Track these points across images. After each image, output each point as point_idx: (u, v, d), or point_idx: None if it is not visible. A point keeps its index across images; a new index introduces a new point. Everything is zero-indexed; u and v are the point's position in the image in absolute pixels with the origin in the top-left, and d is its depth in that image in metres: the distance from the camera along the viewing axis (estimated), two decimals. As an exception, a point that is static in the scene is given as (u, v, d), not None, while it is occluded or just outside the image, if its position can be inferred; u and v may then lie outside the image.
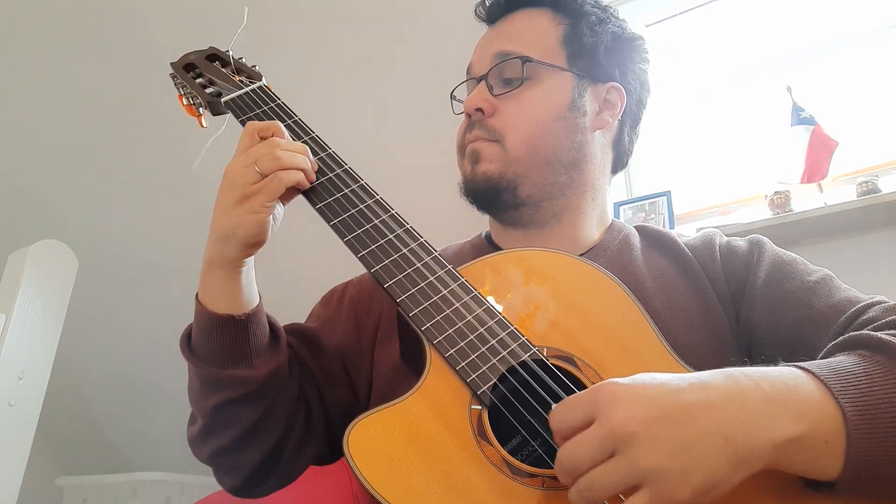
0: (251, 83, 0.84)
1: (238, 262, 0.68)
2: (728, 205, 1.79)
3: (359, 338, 0.84)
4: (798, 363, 0.54)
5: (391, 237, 0.69)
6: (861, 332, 0.59)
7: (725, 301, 0.76)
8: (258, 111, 0.79)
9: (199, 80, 0.88)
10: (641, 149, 1.82)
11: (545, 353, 0.62)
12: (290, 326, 0.82)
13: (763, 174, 1.71)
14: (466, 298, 0.65)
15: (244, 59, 0.91)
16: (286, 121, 0.78)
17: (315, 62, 2.03)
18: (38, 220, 2.45)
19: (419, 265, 0.67)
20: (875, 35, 1.70)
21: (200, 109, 0.88)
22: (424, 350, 0.62)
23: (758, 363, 0.54)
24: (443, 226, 0.98)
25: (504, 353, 0.61)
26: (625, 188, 1.91)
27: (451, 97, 0.95)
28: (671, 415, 0.47)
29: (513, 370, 0.60)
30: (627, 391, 0.48)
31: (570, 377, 0.61)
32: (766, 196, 1.61)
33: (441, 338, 0.62)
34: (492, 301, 0.66)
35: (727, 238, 0.83)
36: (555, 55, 0.85)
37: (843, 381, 0.52)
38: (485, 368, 0.60)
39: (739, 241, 0.82)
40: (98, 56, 2.15)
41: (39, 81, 2.24)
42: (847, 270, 0.84)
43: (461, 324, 0.63)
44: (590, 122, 0.85)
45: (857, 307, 0.66)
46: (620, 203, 1.81)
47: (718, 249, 0.81)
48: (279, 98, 0.81)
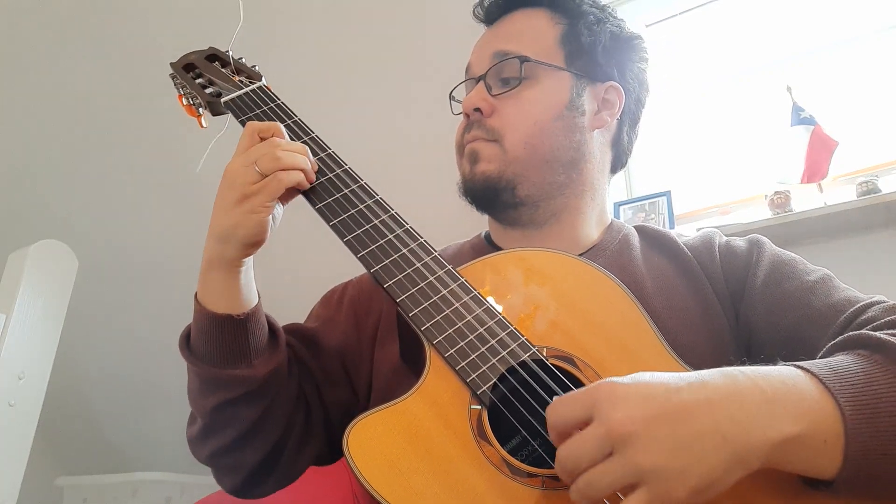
0: (251, 83, 0.84)
1: (237, 262, 0.69)
2: (728, 205, 1.79)
3: (358, 338, 0.84)
4: (797, 363, 0.54)
5: (391, 237, 0.69)
6: (860, 332, 0.59)
7: (725, 301, 0.77)
8: (258, 111, 0.79)
9: (199, 81, 0.88)
10: (641, 149, 1.83)
11: (545, 353, 0.62)
12: (290, 326, 0.82)
13: (763, 174, 1.71)
14: (466, 298, 0.65)
15: (244, 60, 0.91)
16: (286, 121, 0.78)
17: (314, 62, 2.03)
18: (38, 220, 2.45)
19: (419, 265, 0.67)
20: (875, 35, 1.70)
21: (200, 110, 0.88)
22: (424, 350, 0.62)
23: (757, 362, 0.54)
24: (442, 226, 0.98)
25: (504, 353, 0.61)
26: (625, 188, 1.91)
27: (450, 97, 0.95)
28: (670, 414, 0.47)
29: (512, 370, 0.60)
30: (626, 390, 0.48)
31: (570, 377, 0.61)
32: (766, 196, 1.60)
33: (441, 338, 0.62)
34: (491, 301, 0.66)
35: (726, 238, 0.83)
36: (553, 55, 0.85)
37: (842, 381, 0.52)
38: (484, 368, 0.60)
39: (739, 241, 0.82)
40: (98, 56, 2.15)
41: (40, 81, 2.24)
42: (847, 270, 0.84)
43: (461, 324, 0.63)
44: (588, 122, 0.85)
45: (857, 307, 0.66)
46: (620, 203, 1.81)
47: (718, 249, 0.81)
48: (279, 98, 0.81)
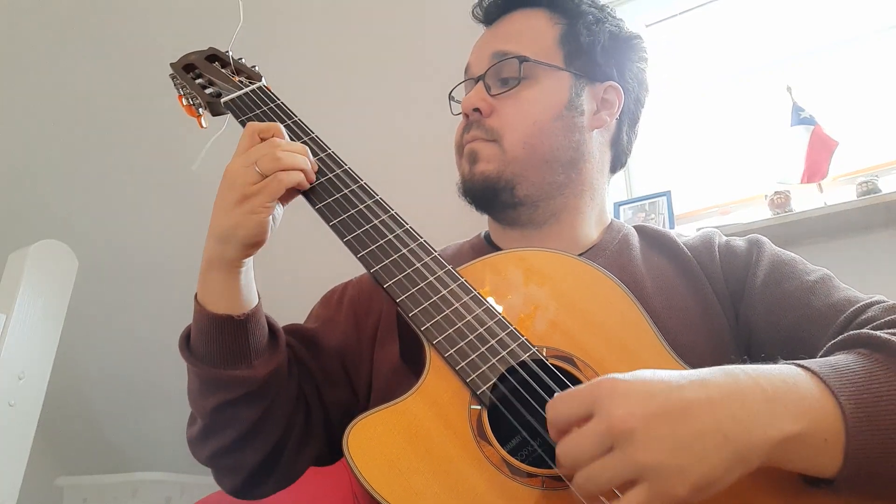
0: (251, 83, 0.84)
1: (237, 263, 0.68)
2: (728, 205, 1.78)
3: (358, 338, 0.84)
4: (797, 361, 0.54)
5: (391, 237, 0.69)
6: (860, 331, 0.59)
7: (724, 301, 0.77)
8: (258, 111, 0.79)
9: (199, 81, 0.88)
10: (641, 149, 1.83)
11: (544, 353, 0.62)
12: (290, 327, 0.82)
13: (763, 174, 1.71)
14: (466, 298, 0.65)
15: (244, 60, 0.91)
16: (286, 121, 0.78)
17: (314, 62, 2.03)
18: (38, 220, 2.45)
19: (419, 265, 0.67)
20: (875, 35, 1.70)
21: (200, 110, 0.88)
22: (424, 350, 0.62)
23: (758, 361, 0.54)
24: (442, 226, 0.98)
25: (503, 354, 0.61)
26: (625, 188, 1.91)
27: (450, 98, 0.95)
28: (671, 411, 0.47)
29: (512, 370, 0.60)
30: (627, 387, 0.48)
31: (570, 377, 0.61)
32: (766, 196, 1.60)
33: (441, 338, 0.62)
34: (491, 301, 0.66)
35: (726, 238, 0.83)
36: (552, 55, 0.85)
37: (843, 379, 0.52)
38: (484, 368, 0.60)
39: (738, 241, 0.82)
40: (98, 56, 2.15)
41: (40, 81, 2.24)
42: (847, 270, 0.84)
43: (461, 324, 0.63)
44: (587, 122, 0.85)
45: (857, 307, 0.66)
46: (620, 203, 1.81)
47: (717, 249, 0.81)
48: (279, 98, 0.81)
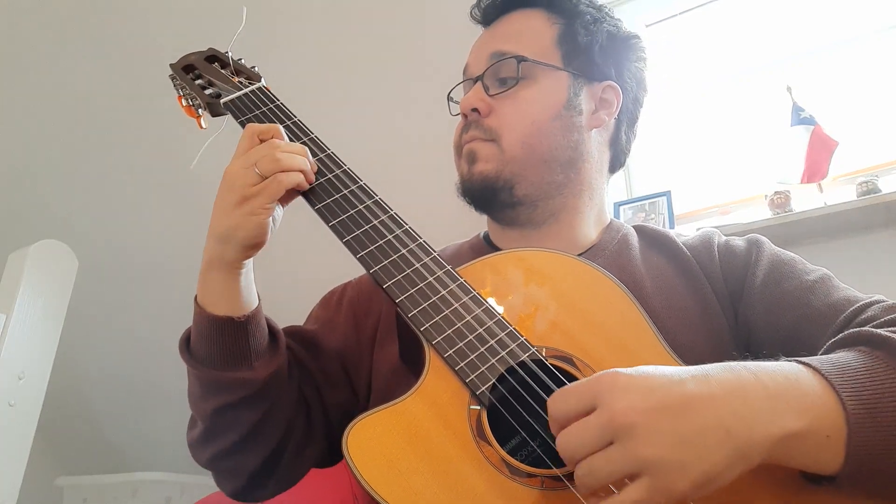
0: (250, 84, 0.84)
1: (237, 264, 0.68)
2: (728, 205, 1.78)
3: (358, 339, 0.84)
4: (799, 358, 0.54)
5: (390, 238, 0.69)
6: (861, 329, 0.59)
7: (724, 300, 0.77)
8: (257, 112, 0.79)
9: (199, 82, 0.88)
10: (641, 149, 1.83)
11: (544, 353, 0.62)
12: (289, 329, 0.82)
13: (763, 174, 1.71)
14: (465, 299, 0.65)
15: (243, 61, 0.91)
16: (285, 122, 0.78)
17: (314, 63, 2.02)
18: (38, 220, 2.45)
19: (418, 265, 0.67)
20: (875, 35, 1.70)
21: (200, 111, 0.88)
22: (423, 350, 0.62)
23: (759, 359, 0.54)
24: (442, 226, 0.98)
25: (503, 354, 0.61)
26: (625, 188, 1.90)
27: (448, 98, 0.95)
28: (672, 406, 0.47)
29: (512, 370, 0.60)
30: (628, 381, 0.48)
31: (569, 377, 0.61)
32: (766, 196, 1.60)
33: (440, 338, 0.62)
34: (491, 301, 0.66)
35: (725, 237, 0.83)
36: (550, 55, 0.85)
37: (844, 376, 0.52)
38: (484, 369, 0.60)
39: (738, 241, 0.82)
40: (98, 56, 2.15)
41: (40, 81, 2.24)
42: (847, 270, 0.84)
43: (460, 324, 0.63)
44: (586, 121, 0.85)
45: (856, 306, 0.67)
46: (620, 203, 1.80)
47: (717, 249, 0.81)
48: (278, 99, 0.81)
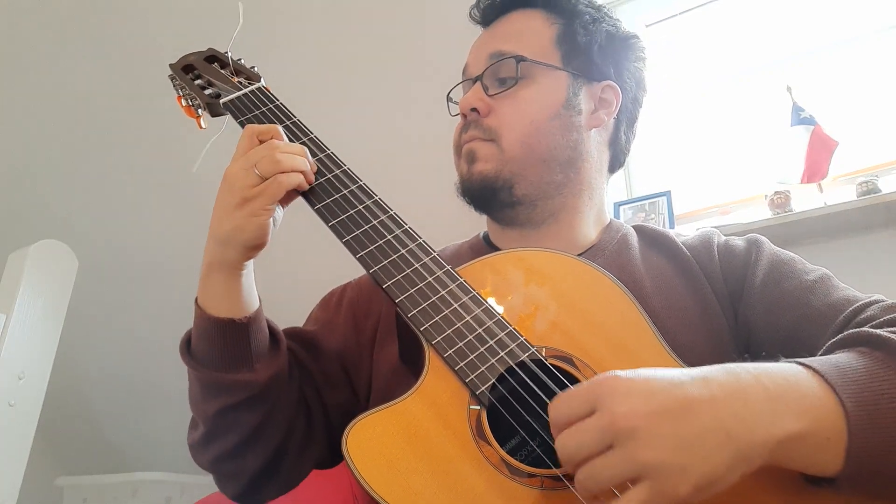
0: (250, 84, 0.84)
1: (239, 265, 0.68)
2: (728, 205, 1.78)
3: (358, 340, 0.84)
4: (799, 359, 0.54)
5: (390, 238, 0.69)
6: (860, 330, 0.59)
7: (724, 300, 0.77)
8: (257, 112, 0.79)
9: (198, 82, 0.88)
10: (641, 149, 1.83)
11: (544, 353, 0.62)
12: (289, 330, 0.81)
13: (763, 174, 1.71)
14: (465, 299, 0.65)
15: (243, 60, 0.91)
16: (285, 122, 0.77)
17: (314, 62, 2.02)
18: (38, 220, 2.45)
19: (418, 265, 0.67)
20: (875, 35, 1.70)
21: (199, 111, 0.88)
22: (423, 350, 0.62)
23: (759, 360, 0.54)
24: (441, 226, 0.98)
25: (502, 354, 0.61)
26: (625, 188, 1.90)
27: (448, 99, 0.95)
28: (673, 409, 0.47)
29: (511, 370, 0.60)
30: (629, 384, 0.48)
31: (569, 377, 0.61)
32: (766, 196, 1.60)
33: (440, 338, 0.62)
34: (490, 301, 0.66)
35: (725, 237, 0.83)
36: (549, 54, 0.85)
37: (845, 377, 0.52)
38: (483, 369, 0.60)
39: (737, 241, 0.82)
40: (98, 56, 2.15)
41: (40, 81, 2.24)
42: (847, 270, 0.84)
43: (460, 324, 0.63)
44: (585, 121, 0.85)
45: (856, 306, 0.66)
46: (620, 203, 1.80)
47: (716, 249, 0.81)
48: (278, 99, 0.81)
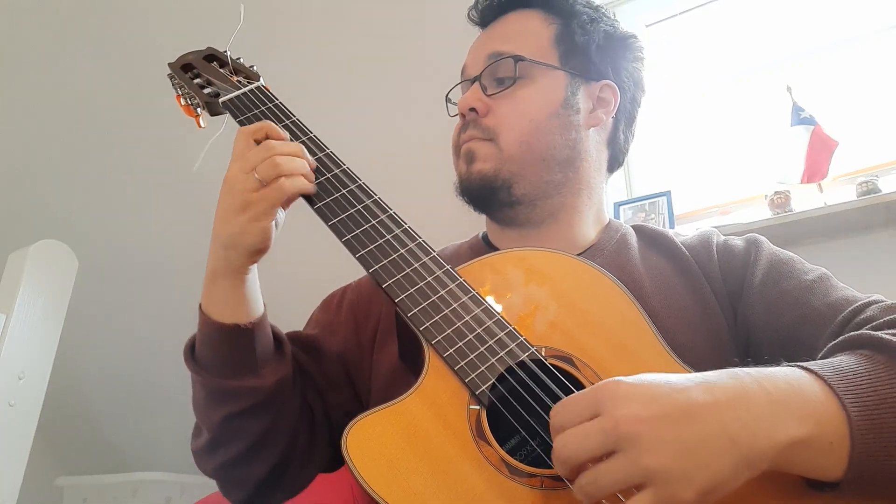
0: (249, 83, 0.84)
1: (243, 270, 0.68)
2: (728, 205, 1.78)
3: (359, 341, 0.83)
4: (801, 363, 0.54)
5: (389, 237, 0.69)
6: (861, 332, 0.59)
7: (723, 300, 0.76)
8: (256, 111, 0.78)
9: (197, 81, 0.88)
10: (641, 149, 1.83)
11: (543, 353, 0.62)
12: (290, 334, 0.81)
13: (763, 174, 1.71)
14: (465, 298, 0.65)
15: (242, 59, 0.91)
16: (284, 121, 0.77)
17: (314, 62, 2.02)
18: (38, 220, 2.45)
19: (417, 265, 0.67)
20: (875, 35, 1.70)
21: (198, 110, 0.88)
22: (423, 350, 0.62)
23: (761, 363, 0.54)
24: (441, 226, 0.98)
25: (502, 353, 0.61)
26: (625, 188, 1.90)
27: (447, 100, 0.95)
28: (676, 415, 0.47)
29: (511, 370, 0.60)
30: (631, 390, 0.48)
31: (569, 377, 0.61)
32: (766, 196, 1.60)
33: (440, 337, 0.62)
34: (490, 301, 0.66)
35: (724, 237, 0.83)
36: (547, 54, 0.85)
37: (847, 382, 0.52)
38: (483, 368, 0.60)
39: (737, 241, 0.82)
40: (98, 56, 2.15)
41: (40, 81, 2.24)
42: (847, 270, 0.84)
43: (459, 324, 0.63)
44: (583, 120, 0.85)
45: (855, 306, 0.66)
46: (620, 203, 1.80)
47: (716, 248, 0.81)
48: (277, 98, 0.81)
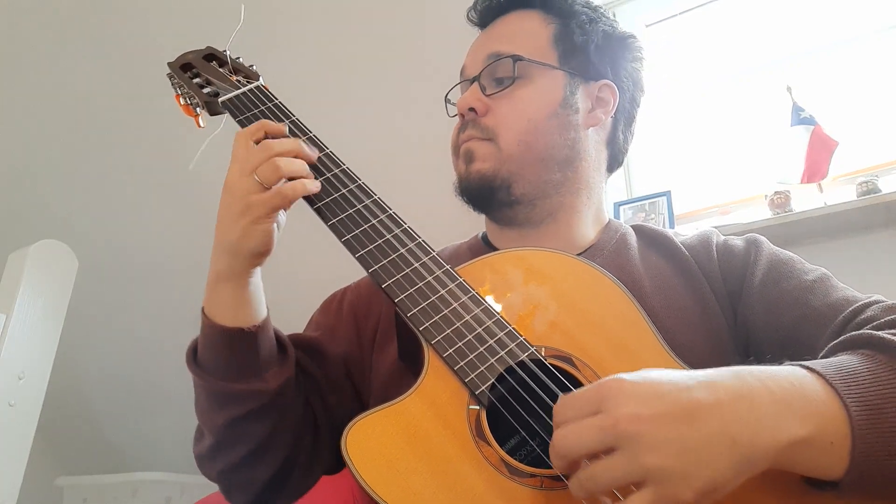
0: (248, 83, 0.84)
1: (246, 273, 0.68)
2: (728, 205, 1.78)
3: (359, 343, 0.83)
4: (803, 363, 0.54)
5: (389, 237, 0.69)
6: (862, 332, 0.59)
7: (723, 300, 0.76)
8: (255, 111, 0.78)
9: (197, 80, 0.88)
10: (641, 149, 1.83)
11: (543, 353, 0.62)
12: (291, 337, 0.80)
13: (763, 174, 1.71)
14: (464, 298, 0.65)
15: (241, 59, 0.91)
16: (283, 121, 0.77)
17: (314, 62, 2.02)
18: (38, 220, 2.45)
19: (417, 265, 0.67)
20: (875, 35, 1.70)
21: (198, 109, 0.88)
22: (422, 350, 0.62)
23: (763, 362, 0.54)
24: (441, 226, 0.98)
25: (502, 353, 0.61)
26: (625, 188, 1.90)
27: (446, 100, 0.95)
28: (678, 414, 0.46)
29: (511, 370, 0.60)
30: (634, 387, 0.48)
31: (569, 377, 0.61)
32: (766, 196, 1.60)
33: (439, 337, 0.62)
34: (490, 301, 0.66)
35: (724, 237, 0.83)
36: (546, 54, 0.85)
37: (849, 381, 0.52)
38: (483, 368, 0.60)
39: (736, 241, 0.82)
40: (98, 56, 2.15)
41: (40, 81, 2.24)
42: (847, 270, 0.84)
43: (459, 324, 0.63)
44: (582, 120, 0.85)
45: (855, 306, 0.66)
46: (620, 203, 1.80)
47: (715, 248, 0.81)
48: (276, 98, 0.81)
